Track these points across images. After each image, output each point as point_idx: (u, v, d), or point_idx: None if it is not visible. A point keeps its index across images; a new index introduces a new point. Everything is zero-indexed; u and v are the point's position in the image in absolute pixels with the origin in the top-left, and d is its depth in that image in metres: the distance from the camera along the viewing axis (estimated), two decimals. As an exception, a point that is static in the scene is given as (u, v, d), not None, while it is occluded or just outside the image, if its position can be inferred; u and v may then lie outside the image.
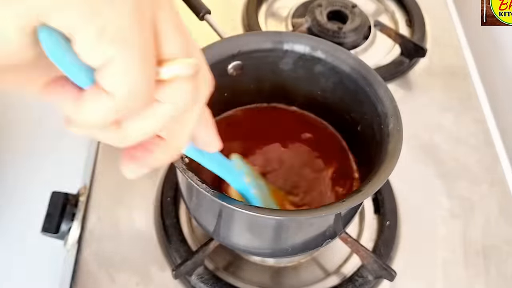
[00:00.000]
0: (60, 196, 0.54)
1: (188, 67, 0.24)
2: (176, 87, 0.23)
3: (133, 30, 0.21)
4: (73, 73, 0.21)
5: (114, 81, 0.21)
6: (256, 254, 0.52)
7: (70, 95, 0.22)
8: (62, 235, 0.54)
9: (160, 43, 0.23)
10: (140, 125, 0.24)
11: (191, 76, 0.24)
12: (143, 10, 0.22)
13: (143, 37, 0.22)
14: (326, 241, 0.45)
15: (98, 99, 0.22)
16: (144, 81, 0.22)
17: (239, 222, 0.44)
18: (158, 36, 0.23)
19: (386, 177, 0.39)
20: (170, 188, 0.56)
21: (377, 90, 0.45)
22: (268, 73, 0.50)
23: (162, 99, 0.23)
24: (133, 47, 0.21)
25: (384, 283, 0.52)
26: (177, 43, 0.24)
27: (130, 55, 0.21)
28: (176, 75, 0.23)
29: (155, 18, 0.23)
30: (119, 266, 0.52)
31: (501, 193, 0.61)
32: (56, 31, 0.20)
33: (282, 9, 0.79)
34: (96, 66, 0.21)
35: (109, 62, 0.21)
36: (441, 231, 0.57)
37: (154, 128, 0.24)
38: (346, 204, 0.38)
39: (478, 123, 0.67)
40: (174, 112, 0.24)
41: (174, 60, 0.23)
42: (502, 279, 0.54)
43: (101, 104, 0.22)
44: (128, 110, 0.23)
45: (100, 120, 0.22)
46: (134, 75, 0.21)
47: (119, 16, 0.20)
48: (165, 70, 0.23)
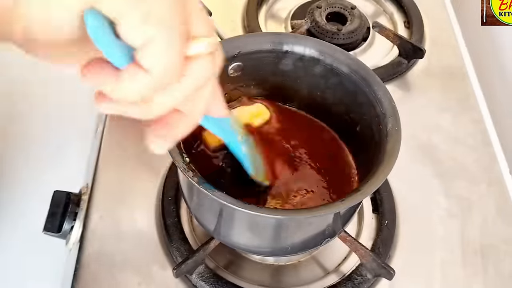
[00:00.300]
0: (62, 195, 0.55)
1: (211, 45, 0.26)
2: (200, 63, 0.26)
3: (172, 13, 0.23)
4: (112, 53, 0.23)
5: (153, 59, 0.23)
6: (256, 253, 0.52)
7: (108, 75, 0.24)
8: (64, 234, 0.54)
9: (191, 23, 0.25)
10: (165, 99, 0.26)
11: (211, 53, 0.26)
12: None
13: (180, 19, 0.24)
14: (325, 240, 0.46)
15: (136, 76, 0.24)
16: (178, 58, 0.24)
17: (240, 221, 0.44)
18: (189, 17, 0.25)
19: (385, 177, 0.39)
20: (171, 187, 0.56)
21: (376, 91, 0.45)
22: (268, 74, 0.51)
23: (187, 74, 0.25)
24: (172, 29, 0.23)
25: (383, 282, 0.53)
26: (204, 24, 0.26)
27: (169, 36, 0.23)
28: (200, 52, 0.25)
29: (187, 1, 0.25)
30: (121, 265, 0.52)
31: (498, 192, 0.61)
32: (100, 14, 0.22)
33: (282, 10, 0.80)
34: (137, 45, 0.23)
35: (150, 42, 0.23)
36: (439, 230, 0.58)
37: (177, 102, 0.26)
38: (345, 203, 0.39)
39: (476, 123, 0.67)
40: (196, 86, 0.26)
41: (200, 39, 0.26)
42: (499, 278, 0.55)
43: (139, 80, 0.24)
44: (163, 86, 0.25)
45: (137, 96, 0.25)
46: (171, 53, 0.24)
47: (160, 1, 0.23)
48: (192, 47, 0.25)
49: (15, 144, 0.84)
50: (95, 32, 0.22)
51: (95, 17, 0.22)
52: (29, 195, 0.76)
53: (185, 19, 0.25)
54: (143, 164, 0.59)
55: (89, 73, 0.25)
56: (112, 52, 0.23)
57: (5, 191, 0.79)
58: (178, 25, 0.24)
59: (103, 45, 0.23)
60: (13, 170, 0.80)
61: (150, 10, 0.22)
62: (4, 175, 0.80)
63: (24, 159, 0.81)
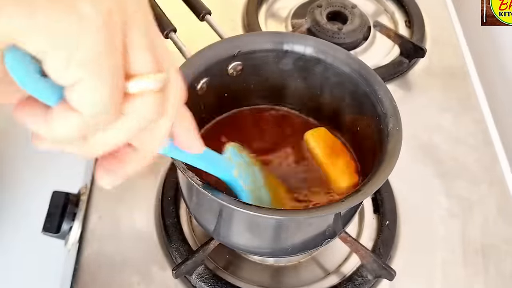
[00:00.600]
0: (61, 196, 0.55)
1: (155, 82, 0.24)
2: (142, 101, 0.24)
3: (101, 53, 0.22)
4: (39, 93, 0.22)
5: (82, 100, 0.22)
6: (256, 254, 0.52)
7: (38, 114, 0.23)
8: (63, 235, 0.54)
9: (128, 60, 0.24)
10: (105, 137, 0.25)
11: (158, 90, 0.25)
12: (112, 30, 0.22)
13: (111, 59, 0.22)
14: (325, 241, 0.45)
15: (66, 116, 0.23)
16: (111, 100, 0.23)
17: (239, 222, 0.44)
18: (127, 53, 0.24)
19: (386, 177, 0.39)
20: (171, 188, 0.56)
21: (377, 90, 0.45)
22: (268, 74, 0.50)
23: (128, 112, 0.24)
24: (101, 70, 0.22)
25: (384, 283, 0.52)
26: (145, 60, 0.24)
27: (98, 77, 0.22)
28: (142, 90, 0.24)
29: (125, 36, 0.23)
30: (120, 265, 0.52)
31: (500, 192, 0.61)
32: (22, 53, 0.21)
33: (282, 9, 0.79)
34: (65, 85, 0.22)
35: (77, 82, 0.22)
36: (440, 230, 0.57)
37: (120, 140, 0.25)
38: (345, 204, 0.38)
39: (477, 123, 0.67)
40: (139, 125, 0.25)
41: (141, 75, 0.24)
42: (500, 278, 0.54)
43: (69, 121, 0.23)
44: (95, 126, 0.24)
45: (68, 136, 0.23)
46: (101, 95, 0.22)
47: (87, 40, 0.21)
48: (132, 84, 0.24)
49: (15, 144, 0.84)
50: (16, 72, 0.21)
51: (15, 56, 0.21)
52: (28, 195, 0.76)
53: (121, 56, 0.23)
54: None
55: (20, 113, 0.24)
56: (38, 92, 0.22)
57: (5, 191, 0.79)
58: (109, 64, 0.22)
59: (27, 85, 0.22)
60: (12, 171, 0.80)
61: (74, 49, 0.21)
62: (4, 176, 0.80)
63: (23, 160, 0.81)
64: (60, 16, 0.21)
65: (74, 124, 0.23)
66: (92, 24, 0.21)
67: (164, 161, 0.59)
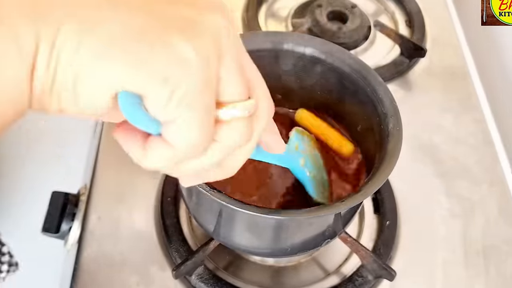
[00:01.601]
0: (60, 196, 0.55)
1: (245, 109, 0.25)
2: (232, 128, 0.25)
3: (198, 93, 0.23)
4: (142, 125, 0.24)
5: (176, 136, 0.24)
6: (256, 254, 0.52)
7: (138, 141, 0.25)
8: (62, 235, 0.54)
9: (220, 88, 0.25)
10: (195, 163, 0.26)
11: (247, 116, 0.26)
12: (210, 68, 0.23)
13: (207, 99, 0.24)
14: (325, 241, 0.45)
15: (160, 148, 0.24)
16: (202, 136, 0.24)
17: (239, 222, 0.44)
18: (219, 82, 0.24)
19: (386, 177, 0.39)
20: (170, 188, 0.56)
21: (377, 90, 0.45)
22: (268, 73, 0.50)
23: (218, 139, 0.25)
24: (196, 110, 0.23)
25: (384, 283, 0.52)
26: (236, 88, 0.25)
27: (193, 117, 0.23)
28: (233, 117, 0.25)
29: (219, 67, 0.24)
30: (120, 266, 0.52)
31: (500, 193, 0.61)
32: (130, 94, 0.22)
33: (282, 9, 0.79)
34: (163, 121, 0.23)
35: (173, 120, 0.23)
36: (441, 231, 0.57)
37: (209, 166, 0.26)
38: (345, 204, 0.38)
39: (477, 123, 0.67)
40: (228, 151, 0.26)
41: (233, 104, 0.25)
42: (501, 279, 0.54)
43: (163, 153, 0.24)
44: (186, 160, 0.25)
45: (161, 166, 0.25)
46: (194, 133, 0.24)
47: (186, 81, 0.22)
48: (223, 112, 0.25)
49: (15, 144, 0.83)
50: (126, 110, 0.23)
51: (126, 97, 0.22)
52: (27, 195, 0.76)
53: (215, 92, 0.24)
54: (142, 164, 0.59)
55: (120, 136, 0.25)
56: (142, 125, 0.24)
57: (4, 191, 0.79)
58: (204, 104, 0.23)
59: (133, 120, 0.23)
60: (12, 171, 0.80)
61: (174, 89, 0.22)
62: (3, 176, 0.80)
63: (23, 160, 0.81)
64: (161, 58, 0.22)
65: (166, 156, 0.24)
66: (192, 67, 0.22)
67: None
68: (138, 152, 0.25)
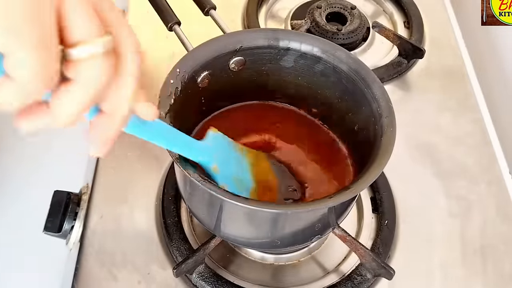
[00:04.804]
0: (62, 195, 0.55)
1: (98, 45, 0.25)
2: (88, 65, 0.25)
3: (26, 20, 0.23)
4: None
5: (13, 67, 0.23)
6: (245, 246, 0.52)
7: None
8: (64, 234, 0.54)
9: (68, 28, 0.25)
10: (66, 106, 0.26)
11: (105, 53, 0.26)
12: (39, 2, 0.23)
13: (38, 26, 0.23)
14: (315, 237, 0.45)
15: (3, 84, 0.24)
16: (41, 65, 0.24)
17: (227, 212, 0.44)
18: (65, 23, 0.25)
19: (375, 177, 0.39)
20: (171, 187, 0.56)
21: (374, 90, 0.45)
22: (269, 70, 0.51)
23: (77, 78, 0.25)
24: (28, 38, 0.23)
25: (383, 282, 0.53)
26: (85, 27, 0.25)
27: (25, 44, 0.23)
28: (88, 55, 0.25)
29: (59, 7, 0.24)
30: (121, 264, 0.52)
31: (498, 192, 0.61)
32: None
33: (282, 10, 0.80)
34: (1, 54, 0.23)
35: (8, 52, 0.23)
36: (439, 230, 0.58)
37: (81, 106, 0.26)
38: (333, 200, 0.39)
39: (475, 123, 0.67)
40: (93, 88, 0.26)
41: (84, 41, 0.25)
42: (499, 278, 0.55)
43: (5, 89, 0.24)
44: (33, 92, 0.25)
45: (8, 103, 0.25)
46: (30, 61, 0.23)
47: (12, 8, 0.22)
48: (75, 51, 0.25)
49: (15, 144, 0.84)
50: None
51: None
52: (29, 195, 0.76)
53: (52, 23, 0.24)
54: (143, 163, 0.59)
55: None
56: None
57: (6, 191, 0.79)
58: (36, 31, 0.23)
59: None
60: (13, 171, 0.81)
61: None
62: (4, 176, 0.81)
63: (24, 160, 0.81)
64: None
65: (10, 92, 0.24)
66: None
67: (165, 161, 0.59)
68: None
